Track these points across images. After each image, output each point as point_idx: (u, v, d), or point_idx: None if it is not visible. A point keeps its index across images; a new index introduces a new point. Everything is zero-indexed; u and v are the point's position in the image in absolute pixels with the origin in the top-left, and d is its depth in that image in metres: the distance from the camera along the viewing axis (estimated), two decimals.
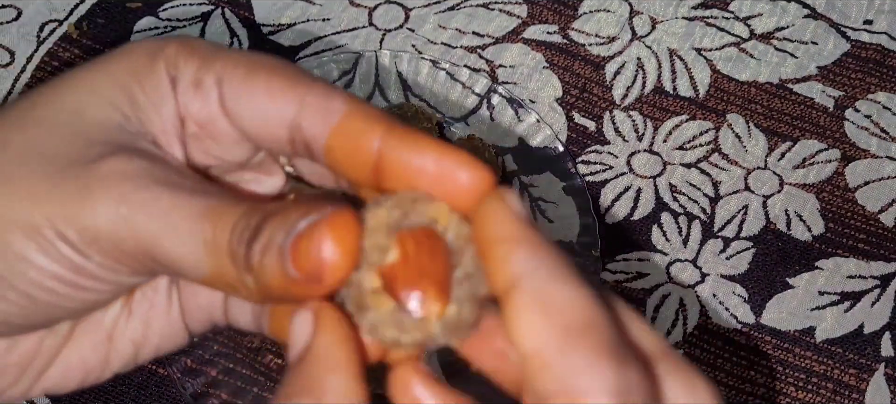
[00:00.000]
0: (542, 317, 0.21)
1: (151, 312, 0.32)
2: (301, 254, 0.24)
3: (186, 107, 0.28)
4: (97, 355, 0.31)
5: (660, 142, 0.54)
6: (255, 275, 0.25)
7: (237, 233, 0.25)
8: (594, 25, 0.58)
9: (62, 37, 0.58)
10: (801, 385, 0.47)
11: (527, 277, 0.21)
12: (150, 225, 0.25)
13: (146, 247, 0.25)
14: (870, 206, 0.53)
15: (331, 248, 0.23)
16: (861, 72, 0.57)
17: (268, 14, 0.59)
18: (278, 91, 0.26)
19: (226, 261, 0.25)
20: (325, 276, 0.23)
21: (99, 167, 0.25)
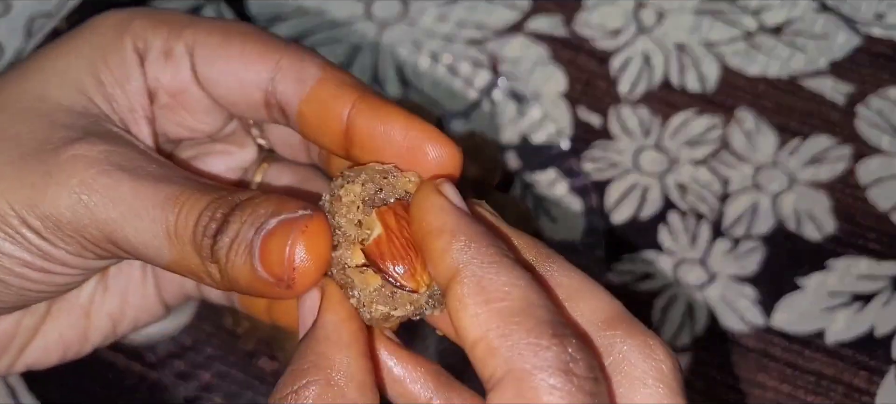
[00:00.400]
0: (482, 306, 0.21)
1: (128, 287, 0.32)
2: (272, 255, 0.24)
3: (157, 79, 0.27)
4: (75, 331, 0.31)
5: (667, 139, 0.54)
6: (220, 268, 0.25)
7: (202, 224, 0.25)
8: (599, 18, 0.57)
9: (53, 31, 0.57)
10: (811, 388, 0.47)
11: (464, 267, 0.22)
12: (111, 211, 0.25)
13: (107, 234, 0.25)
14: (882, 204, 0.52)
15: (303, 256, 0.24)
16: (873, 67, 0.56)
17: (262, 6, 0.58)
18: (253, 55, 0.26)
19: (189, 250, 0.25)
20: (296, 284, 0.24)
21: (61, 153, 0.25)
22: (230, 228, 0.24)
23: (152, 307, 0.33)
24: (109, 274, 0.32)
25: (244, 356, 0.46)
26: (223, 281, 0.25)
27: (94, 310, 0.32)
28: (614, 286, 0.49)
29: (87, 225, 0.25)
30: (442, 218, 0.23)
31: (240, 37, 0.27)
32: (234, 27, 0.28)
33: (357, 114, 0.26)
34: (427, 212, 0.23)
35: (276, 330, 0.46)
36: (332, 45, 0.55)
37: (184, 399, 0.45)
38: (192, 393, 0.45)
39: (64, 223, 0.26)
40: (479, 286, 0.22)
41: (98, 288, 0.32)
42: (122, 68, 0.27)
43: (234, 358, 0.46)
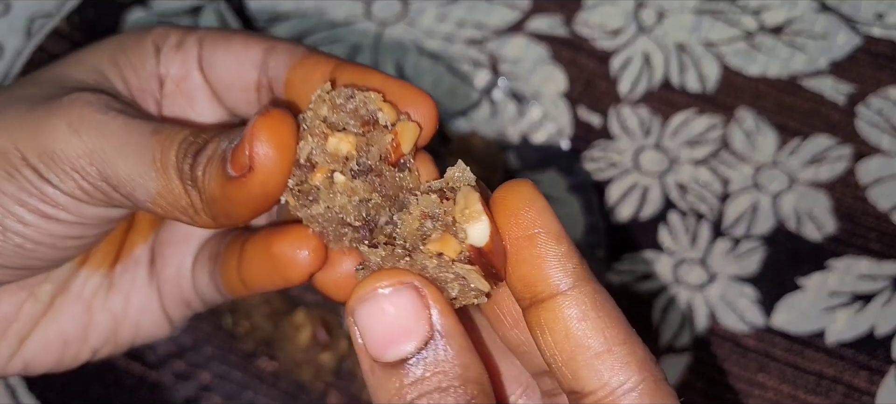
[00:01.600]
0: (605, 320, 0.23)
1: (132, 287, 0.34)
2: (238, 153, 0.26)
3: (166, 67, 0.30)
4: (76, 326, 0.32)
5: (667, 138, 0.53)
6: (199, 189, 0.27)
7: (183, 150, 0.27)
8: (599, 18, 0.57)
9: (52, 31, 0.57)
10: (811, 388, 0.47)
11: (585, 281, 0.24)
12: (102, 142, 0.27)
13: (99, 165, 0.28)
14: (882, 204, 0.52)
15: (261, 134, 0.25)
16: (873, 66, 0.56)
17: (262, 6, 0.58)
18: (252, 41, 0.30)
19: (172, 176, 0.27)
20: (259, 164, 0.25)
21: (62, 99, 0.28)
22: (208, 148, 0.27)
23: (155, 314, 0.34)
24: (116, 271, 0.33)
25: (244, 356, 0.46)
26: (204, 206, 0.27)
27: (97, 306, 0.33)
28: (614, 286, 0.49)
29: (81, 155, 0.27)
30: (555, 223, 0.24)
31: (241, 33, 0.30)
32: (237, 30, 0.31)
33: (339, 73, 0.28)
34: (541, 212, 0.24)
35: (276, 331, 0.46)
36: (332, 45, 0.55)
37: (183, 399, 0.45)
38: (191, 394, 0.45)
39: (58, 154, 0.28)
40: (600, 302, 0.24)
41: (102, 283, 0.33)
42: (138, 55, 0.30)
43: (233, 359, 0.46)
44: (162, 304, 0.34)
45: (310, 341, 0.45)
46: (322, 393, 0.46)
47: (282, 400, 0.45)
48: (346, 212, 0.27)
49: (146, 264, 0.34)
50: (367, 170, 0.27)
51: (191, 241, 0.34)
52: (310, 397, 0.46)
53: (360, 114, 0.27)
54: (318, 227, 0.28)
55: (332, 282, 0.29)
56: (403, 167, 0.28)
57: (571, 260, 0.24)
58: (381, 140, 0.27)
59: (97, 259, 0.33)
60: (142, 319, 0.34)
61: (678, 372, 0.47)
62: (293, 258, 0.29)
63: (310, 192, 0.27)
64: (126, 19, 0.57)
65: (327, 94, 0.27)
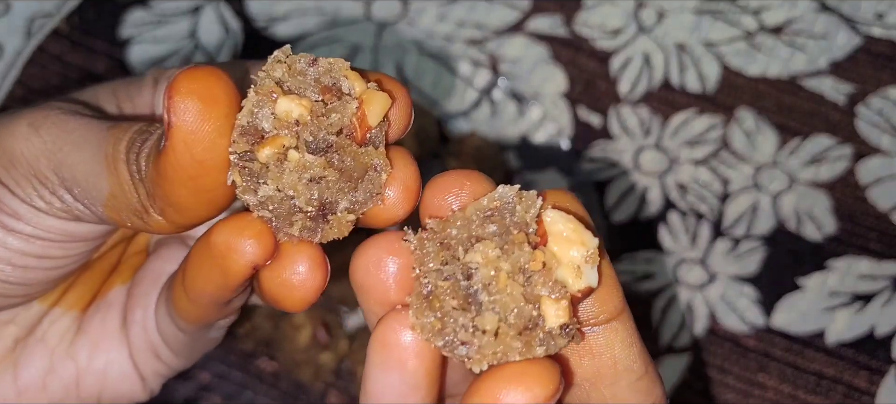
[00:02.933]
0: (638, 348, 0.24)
1: (102, 333, 0.31)
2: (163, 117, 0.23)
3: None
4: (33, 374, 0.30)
5: (667, 139, 0.53)
6: (144, 180, 0.24)
7: (132, 140, 0.25)
8: (599, 18, 0.57)
9: (53, 31, 0.57)
10: (811, 388, 0.47)
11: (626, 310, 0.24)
12: (60, 140, 0.26)
13: (56, 167, 0.26)
14: (882, 204, 0.52)
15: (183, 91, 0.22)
16: (873, 66, 0.56)
17: (262, 7, 0.58)
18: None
19: (122, 170, 0.25)
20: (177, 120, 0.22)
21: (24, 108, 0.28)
22: (153, 136, 0.25)
23: (123, 366, 0.31)
24: (86, 314, 0.31)
25: (243, 356, 0.46)
26: (149, 198, 0.24)
27: (59, 352, 0.30)
28: None
29: (38, 155, 0.26)
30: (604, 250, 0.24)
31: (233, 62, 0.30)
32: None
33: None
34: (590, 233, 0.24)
35: (275, 331, 0.46)
36: (332, 45, 0.55)
37: (183, 399, 0.45)
38: (191, 394, 0.45)
39: (17, 155, 0.27)
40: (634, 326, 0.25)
41: (71, 327, 0.31)
42: (136, 86, 0.30)
43: (233, 358, 0.46)
44: (131, 355, 0.31)
45: (310, 341, 0.45)
46: (322, 393, 0.46)
47: (282, 400, 0.45)
48: (297, 193, 0.23)
49: (120, 308, 0.31)
50: (326, 147, 0.23)
51: (162, 280, 0.31)
52: (310, 397, 0.46)
53: (321, 83, 0.23)
54: (268, 214, 0.24)
55: (280, 284, 0.25)
56: (369, 144, 0.24)
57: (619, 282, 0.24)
58: (344, 109, 0.23)
59: (71, 298, 0.31)
60: (109, 371, 0.31)
61: (678, 372, 0.47)
62: (233, 246, 0.24)
63: (259, 174, 0.23)
64: (126, 19, 0.57)
65: (284, 55, 0.23)
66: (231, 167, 0.23)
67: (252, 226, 0.24)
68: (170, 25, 0.57)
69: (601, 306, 0.24)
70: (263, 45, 0.56)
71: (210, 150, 0.23)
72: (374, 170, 0.24)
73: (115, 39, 0.56)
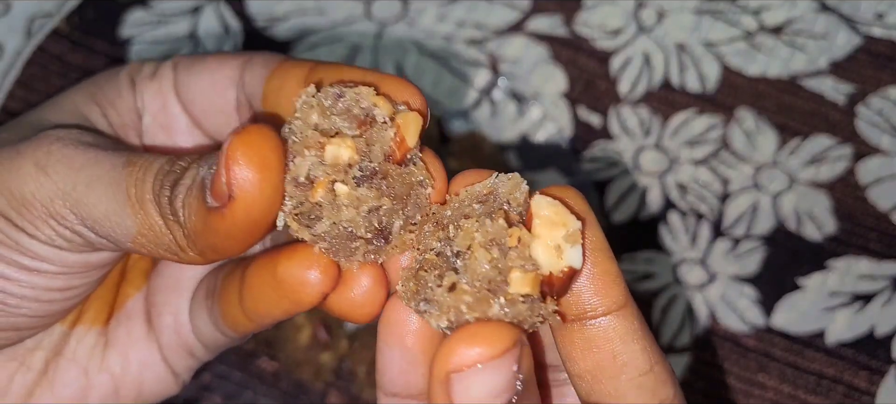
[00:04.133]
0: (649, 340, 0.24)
1: (129, 343, 0.31)
2: (217, 181, 0.23)
3: (143, 99, 0.29)
4: (73, 391, 0.30)
5: (667, 138, 0.53)
6: (181, 224, 0.24)
7: (159, 181, 0.24)
8: (599, 18, 0.57)
9: (52, 31, 0.57)
10: (811, 388, 0.47)
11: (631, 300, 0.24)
12: (72, 179, 0.25)
13: (73, 207, 0.25)
14: (882, 204, 0.52)
15: (242, 161, 0.22)
16: (873, 66, 0.56)
17: (262, 7, 0.58)
18: (226, 59, 0.28)
19: (151, 212, 0.24)
20: (239, 190, 0.22)
21: (31, 139, 0.26)
22: (186, 176, 0.24)
23: (157, 368, 0.32)
24: (110, 326, 0.31)
25: (244, 356, 0.46)
26: (188, 240, 0.25)
27: (94, 368, 0.31)
28: None
29: (51, 196, 0.25)
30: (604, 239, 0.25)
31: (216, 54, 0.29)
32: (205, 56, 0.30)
33: (316, 75, 0.26)
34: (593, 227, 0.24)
35: (276, 331, 0.46)
36: (332, 45, 0.55)
37: (183, 399, 0.45)
38: (191, 394, 0.45)
39: (29, 199, 0.25)
40: (642, 320, 0.24)
41: (98, 342, 0.31)
42: (115, 90, 0.29)
43: (233, 359, 0.46)
44: (163, 357, 0.31)
45: (310, 341, 0.45)
46: (322, 393, 0.46)
47: (282, 400, 0.45)
48: (355, 226, 0.24)
49: (142, 316, 0.31)
50: (372, 174, 0.24)
51: (185, 284, 0.31)
52: (310, 397, 0.46)
53: (353, 114, 0.24)
54: (326, 245, 0.25)
55: (348, 303, 0.26)
56: (409, 163, 0.25)
57: (622, 278, 0.24)
58: (383, 137, 0.24)
59: (91, 315, 0.31)
60: (144, 376, 0.31)
61: (678, 373, 0.47)
62: (302, 280, 0.26)
63: (311, 212, 0.24)
64: (126, 19, 0.57)
65: (313, 98, 0.24)
66: (283, 214, 0.24)
67: (318, 261, 0.25)
68: (170, 25, 0.57)
69: (600, 298, 0.24)
70: (263, 45, 0.56)
71: (267, 211, 0.23)
72: (419, 186, 0.25)
73: (115, 39, 0.56)
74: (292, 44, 0.56)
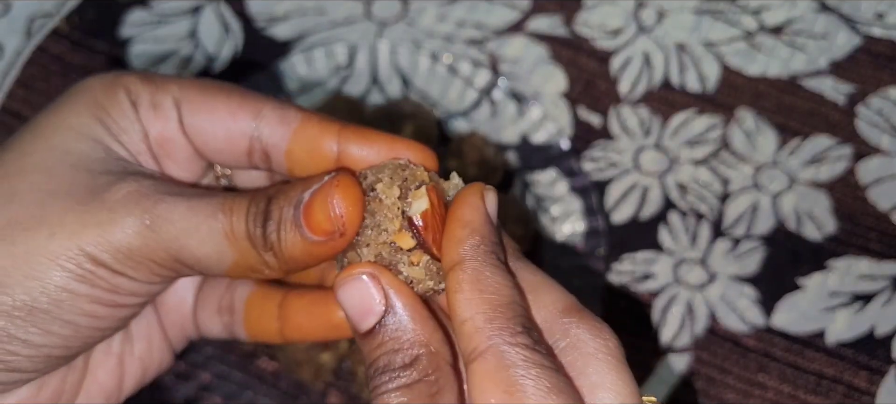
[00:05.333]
0: (476, 293, 0.26)
1: (149, 330, 0.34)
2: (316, 217, 0.27)
3: (148, 127, 0.30)
4: (112, 379, 0.33)
5: (667, 138, 0.53)
6: (275, 252, 0.28)
7: (251, 218, 0.28)
8: (599, 18, 0.57)
9: (52, 31, 0.57)
10: (811, 388, 0.46)
11: (470, 259, 0.27)
12: (174, 230, 0.28)
13: (174, 253, 0.28)
14: (882, 204, 0.52)
15: (343, 203, 0.28)
16: (873, 66, 0.56)
17: (262, 7, 0.58)
18: (238, 107, 0.30)
19: (246, 246, 0.28)
20: (347, 228, 0.27)
21: (114, 193, 0.28)
22: (272, 214, 0.28)
23: (162, 346, 0.35)
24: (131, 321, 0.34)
25: (244, 356, 0.46)
26: (281, 264, 0.28)
27: (127, 357, 0.34)
28: (614, 286, 0.49)
29: (156, 248, 0.28)
30: (471, 214, 0.28)
31: (223, 91, 0.30)
32: (214, 83, 0.31)
33: (346, 141, 0.29)
34: (463, 205, 0.28)
35: None
36: (332, 45, 0.55)
37: (183, 399, 0.45)
38: (191, 394, 0.45)
39: (134, 251, 0.28)
40: (477, 277, 0.27)
41: (125, 334, 0.34)
42: (123, 117, 0.30)
43: (233, 359, 0.46)
44: (164, 334, 0.35)
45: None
46: (322, 393, 0.46)
47: (282, 400, 0.45)
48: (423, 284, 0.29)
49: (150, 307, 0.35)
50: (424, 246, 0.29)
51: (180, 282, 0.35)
52: (310, 397, 0.46)
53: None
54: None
55: None
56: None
57: (472, 240, 0.27)
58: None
59: None
60: (153, 354, 0.34)
61: (678, 373, 0.47)
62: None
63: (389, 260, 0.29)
64: (126, 19, 0.57)
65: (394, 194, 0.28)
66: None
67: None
68: (170, 25, 0.57)
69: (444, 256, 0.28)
70: (263, 45, 0.56)
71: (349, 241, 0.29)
72: None
73: (115, 39, 0.56)
74: (292, 44, 0.56)
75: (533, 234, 0.49)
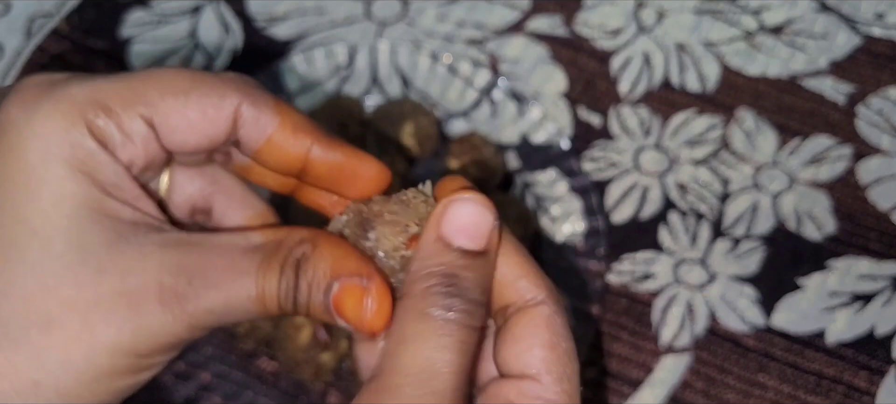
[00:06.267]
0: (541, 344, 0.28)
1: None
2: (346, 310, 0.28)
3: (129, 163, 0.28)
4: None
5: (667, 139, 0.53)
6: (296, 306, 0.28)
7: (282, 292, 0.28)
8: (599, 18, 0.57)
9: (52, 31, 0.57)
10: (811, 388, 0.46)
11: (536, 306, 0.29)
12: (202, 306, 0.27)
13: (202, 326, 0.28)
14: (882, 204, 0.52)
15: (374, 310, 0.28)
16: (873, 66, 0.56)
17: (262, 7, 0.58)
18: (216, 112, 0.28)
19: (274, 307, 0.28)
20: (377, 331, 0.28)
21: (130, 278, 0.27)
22: (301, 288, 0.28)
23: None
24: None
25: (244, 356, 0.46)
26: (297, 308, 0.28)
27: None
28: (614, 286, 0.49)
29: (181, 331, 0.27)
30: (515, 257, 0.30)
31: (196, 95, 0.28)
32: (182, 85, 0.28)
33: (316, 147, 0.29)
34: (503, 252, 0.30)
35: (276, 331, 0.46)
36: (332, 45, 0.55)
37: (183, 399, 0.45)
38: (191, 394, 0.45)
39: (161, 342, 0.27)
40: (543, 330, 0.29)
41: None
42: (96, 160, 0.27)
43: (233, 359, 0.46)
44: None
45: (310, 341, 0.45)
46: (322, 393, 0.46)
47: (282, 400, 0.45)
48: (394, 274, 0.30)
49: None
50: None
51: None
52: (310, 397, 0.46)
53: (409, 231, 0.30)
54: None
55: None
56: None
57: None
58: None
59: None
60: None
61: (678, 373, 0.47)
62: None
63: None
64: (126, 19, 0.57)
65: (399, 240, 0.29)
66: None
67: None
68: (170, 25, 0.57)
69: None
70: (263, 45, 0.56)
71: None
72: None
73: (116, 39, 0.56)
74: (292, 44, 0.56)
75: (533, 234, 0.49)
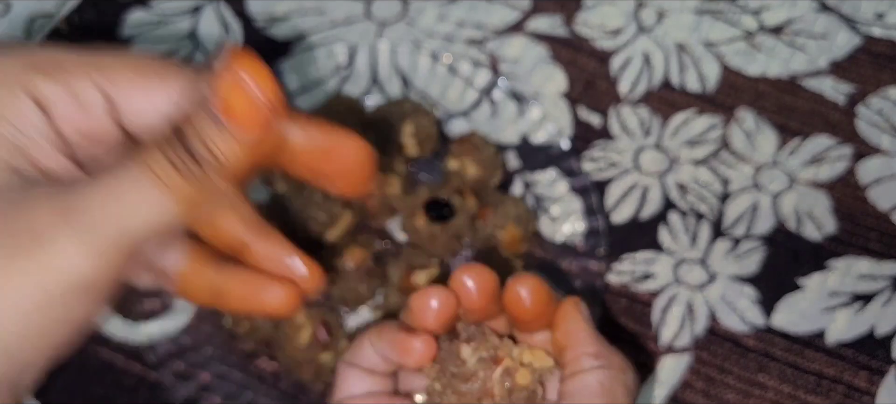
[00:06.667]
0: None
1: None
2: (235, 110, 0.24)
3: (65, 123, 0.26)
4: None
5: (667, 138, 0.53)
6: (214, 170, 0.24)
7: (168, 151, 0.24)
8: (599, 18, 0.57)
9: (52, 31, 0.57)
10: (811, 388, 0.46)
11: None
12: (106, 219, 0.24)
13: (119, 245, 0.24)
14: (882, 204, 0.52)
15: (254, 79, 0.24)
16: (873, 67, 0.56)
17: (262, 7, 0.58)
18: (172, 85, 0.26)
19: (179, 182, 0.24)
20: (274, 100, 0.24)
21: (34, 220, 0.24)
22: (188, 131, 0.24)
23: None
24: None
25: (243, 356, 0.46)
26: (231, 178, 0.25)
27: None
28: (614, 286, 0.49)
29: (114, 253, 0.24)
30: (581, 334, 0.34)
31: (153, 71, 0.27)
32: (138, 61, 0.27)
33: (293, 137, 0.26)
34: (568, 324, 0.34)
35: (276, 331, 0.46)
36: (332, 45, 0.55)
37: (183, 399, 0.45)
38: (191, 394, 0.45)
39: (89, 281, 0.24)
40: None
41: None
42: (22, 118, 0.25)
43: (233, 359, 0.46)
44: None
45: (310, 341, 0.45)
46: (322, 393, 0.46)
47: (282, 400, 0.45)
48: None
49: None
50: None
51: None
52: (310, 397, 0.46)
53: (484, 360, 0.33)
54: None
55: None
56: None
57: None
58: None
59: None
60: None
61: (678, 373, 0.47)
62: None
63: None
64: (126, 19, 0.57)
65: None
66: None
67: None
68: (170, 25, 0.57)
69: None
70: (263, 45, 0.56)
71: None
72: None
73: (116, 39, 0.56)
74: (292, 44, 0.56)
75: (533, 234, 0.49)
